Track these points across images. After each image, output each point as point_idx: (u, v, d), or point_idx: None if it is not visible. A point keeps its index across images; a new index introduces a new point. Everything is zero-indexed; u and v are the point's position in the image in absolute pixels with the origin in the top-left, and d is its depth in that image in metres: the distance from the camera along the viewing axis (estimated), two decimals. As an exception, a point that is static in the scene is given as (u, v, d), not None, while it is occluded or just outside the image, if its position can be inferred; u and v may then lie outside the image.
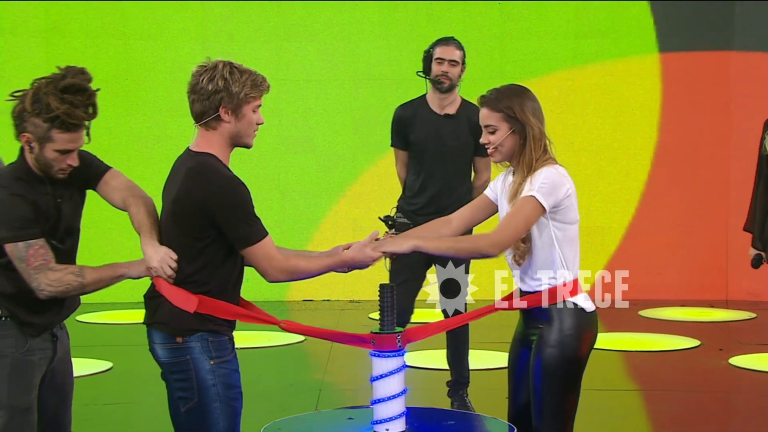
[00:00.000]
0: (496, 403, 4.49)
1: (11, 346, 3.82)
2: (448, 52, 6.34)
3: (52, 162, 3.79)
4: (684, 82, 10.99)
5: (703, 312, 10.29)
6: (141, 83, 10.97)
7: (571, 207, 4.07)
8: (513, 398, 4.27)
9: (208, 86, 3.74)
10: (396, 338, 3.98)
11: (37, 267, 3.72)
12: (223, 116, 3.77)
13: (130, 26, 10.96)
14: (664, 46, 10.99)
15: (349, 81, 11.04)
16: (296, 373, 8.20)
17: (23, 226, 3.73)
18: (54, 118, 3.72)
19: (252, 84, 3.78)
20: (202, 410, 3.77)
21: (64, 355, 4.03)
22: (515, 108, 4.06)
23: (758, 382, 7.61)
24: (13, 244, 3.73)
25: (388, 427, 4.00)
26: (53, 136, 3.74)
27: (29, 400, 3.83)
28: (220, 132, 3.80)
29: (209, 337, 3.77)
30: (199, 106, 3.78)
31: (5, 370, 3.79)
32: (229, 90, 3.74)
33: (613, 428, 6.50)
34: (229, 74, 3.75)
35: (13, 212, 3.74)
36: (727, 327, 9.78)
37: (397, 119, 6.53)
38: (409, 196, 6.48)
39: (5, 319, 3.83)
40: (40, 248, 3.74)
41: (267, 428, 4.06)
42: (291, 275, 3.85)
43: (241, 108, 3.78)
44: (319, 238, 10.81)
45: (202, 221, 3.71)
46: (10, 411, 3.79)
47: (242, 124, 3.81)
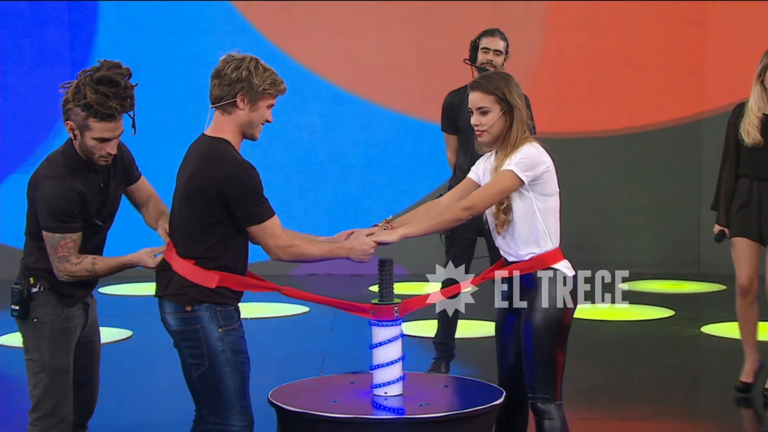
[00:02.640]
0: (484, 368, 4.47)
1: (51, 314, 3.92)
2: (493, 42, 6.31)
3: (92, 149, 3.85)
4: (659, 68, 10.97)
5: (677, 284, 10.31)
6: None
7: (551, 180, 4.08)
8: (501, 362, 4.26)
9: (233, 74, 3.75)
10: (393, 309, 3.98)
11: (61, 257, 3.83)
12: (239, 103, 3.77)
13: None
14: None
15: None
16: (301, 342, 8.20)
17: (65, 220, 3.82)
18: (89, 107, 3.78)
19: (272, 82, 3.80)
20: (213, 374, 3.76)
21: (93, 322, 4.13)
22: (505, 91, 4.08)
23: (727, 349, 7.57)
24: (51, 233, 3.82)
25: (386, 390, 4.01)
26: (90, 124, 3.81)
27: (68, 362, 3.93)
28: (233, 118, 3.79)
29: (217, 307, 3.77)
30: (219, 90, 3.78)
31: (47, 336, 3.90)
32: (251, 81, 3.75)
33: (595, 390, 6.49)
34: (254, 68, 3.77)
35: (61, 204, 3.82)
36: (698, 298, 9.82)
37: (446, 105, 6.44)
38: (460, 176, 6.41)
39: (46, 291, 3.92)
40: (70, 242, 3.83)
41: (275, 391, 4.05)
42: (293, 256, 3.83)
43: (257, 101, 3.78)
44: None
45: (214, 201, 3.70)
46: (51, 372, 3.89)
47: (255, 115, 3.80)
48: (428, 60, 10.80)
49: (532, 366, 4.05)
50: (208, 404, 3.82)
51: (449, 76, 7.28)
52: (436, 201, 4.30)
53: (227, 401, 3.78)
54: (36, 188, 3.90)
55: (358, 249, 3.94)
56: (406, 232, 4.02)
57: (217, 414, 3.80)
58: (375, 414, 3.85)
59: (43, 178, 3.88)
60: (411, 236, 4.03)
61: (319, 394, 4.11)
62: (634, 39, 10.93)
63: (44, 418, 3.88)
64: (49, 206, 3.82)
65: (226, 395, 3.77)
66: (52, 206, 3.82)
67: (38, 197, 3.87)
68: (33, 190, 3.92)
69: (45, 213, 3.83)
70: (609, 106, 10.97)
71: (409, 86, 10.89)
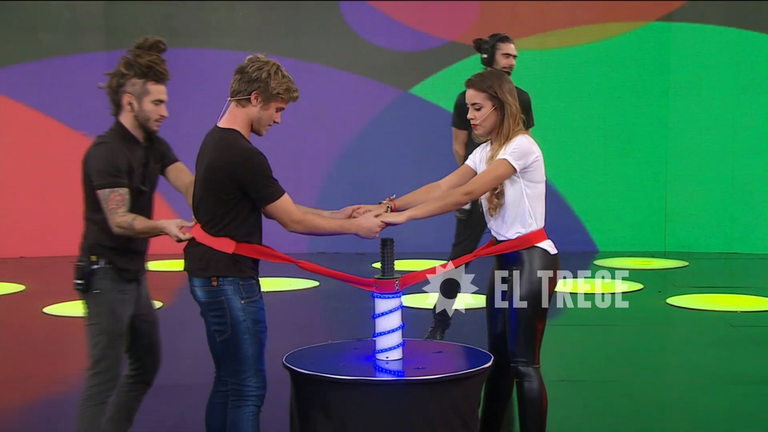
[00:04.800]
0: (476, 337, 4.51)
1: (109, 286, 4.01)
2: (512, 48, 6.32)
3: (150, 114, 3.99)
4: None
5: (645, 261, 10.33)
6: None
7: (539, 168, 4.10)
8: (491, 330, 4.28)
9: (254, 73, 3.79)
10: (395, 283, 4.00)
11: (111, 209, 3.91)
12: (253, 100, 3.80)
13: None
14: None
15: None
16: (311, 313, 8.23)
17: (115, 175, 3.91)
18: (146, 71, 3.93)
19: (287, 88, 3.83)
20: (234, 341, 3.81)
21: (146, 296, 4.23)
22: (496, 88, 4.08)
23: (690, 318, 7.65)
24: (102, 189, 3.91)
25: (387, 355, 4.03)
26: (149, 88, 3.97)
27: (122, 328, 4.05)
28: (246, 111, 3.82)
29: (240, 281, 3.81)
30: (238, 85, 3.82)
31: (108, 305, 4.01)
32: (268, 83, 3.79)
33: (571, 357, 6.54)
34: (273, 72, 3.80)
35: (111, 162, 3.92)
36: (665, 273, 9.82)
37: (459, 103, 6.33)
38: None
39: (106, 267, 4.00)
40: (118, 195, 3.91)
41: (288, 356, 4.09)
42: (306, 228, 3.87)
43: (270, 102, 3.81)
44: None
45: (230, 184, 3.75)
46: (109, 335, 4.01)
47: (264, 114, 3.83)
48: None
49: (514, 333, 4.07)
50: (228, 367, 3.87)
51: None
52: (435, 184, 4.28)
53: (245, 365, 3.82)
54: (89, 156, 3.98)
55: (366, 227, 3.97)
56: (412, 214, 4.03)
57: (235, 376, 3.85)
58: (377, 376, 3.88)
59: (96, 144, 3.98)
60: (417, 218, 4.04)
61: (328, 359, 4.12)
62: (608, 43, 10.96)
63: (101, 373, 4.00)
64: (100, 163, 3.91)
65: (244, 360, 3.82)
66: (103, 162, 3.90)
67: (91, 161, 3.95)
68: (86, 162, 3.98)
69: (97, 172, 3.91)
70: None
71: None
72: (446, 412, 3.79)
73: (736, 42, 10.76)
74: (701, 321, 6.49)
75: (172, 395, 5.58)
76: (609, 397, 5.66)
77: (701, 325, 6.36)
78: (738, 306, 7.97)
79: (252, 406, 3.84)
